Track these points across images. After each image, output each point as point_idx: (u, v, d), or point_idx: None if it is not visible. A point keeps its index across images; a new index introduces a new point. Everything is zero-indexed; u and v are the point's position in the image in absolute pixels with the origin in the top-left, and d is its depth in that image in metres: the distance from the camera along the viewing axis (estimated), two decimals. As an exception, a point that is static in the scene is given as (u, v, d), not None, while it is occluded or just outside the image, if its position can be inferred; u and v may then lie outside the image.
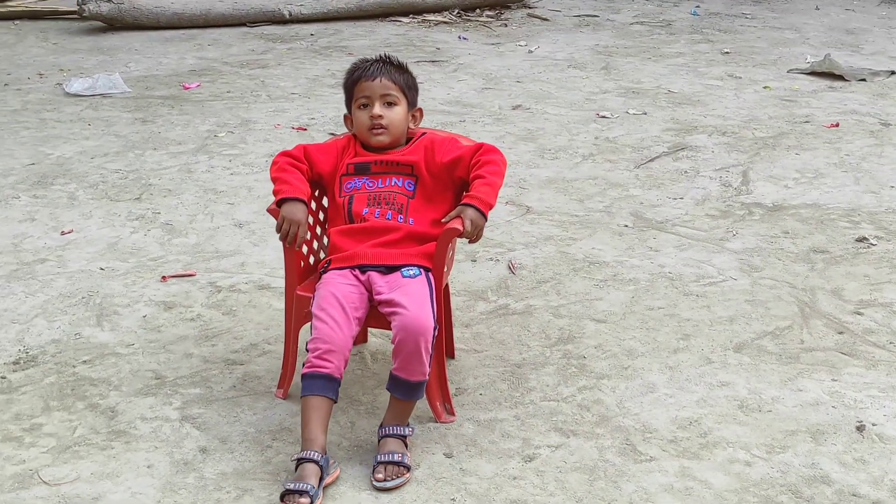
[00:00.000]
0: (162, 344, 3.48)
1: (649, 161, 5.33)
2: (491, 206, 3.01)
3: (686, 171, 5.18)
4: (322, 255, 3.26)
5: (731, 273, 4.04)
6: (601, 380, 3.28)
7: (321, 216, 3.28)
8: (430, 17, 9.10)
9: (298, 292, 3.06)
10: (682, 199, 4.82)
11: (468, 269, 4.04)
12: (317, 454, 2.75)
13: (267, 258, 4.15)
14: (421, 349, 2.82)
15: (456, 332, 3.54)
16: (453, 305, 3.73)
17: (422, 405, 3.05)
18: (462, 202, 3.01)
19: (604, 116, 6.11)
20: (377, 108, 3.14)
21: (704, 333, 3.57)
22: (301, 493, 2.64)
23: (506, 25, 9.06)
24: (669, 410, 3.11)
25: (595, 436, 2.99)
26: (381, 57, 3.26)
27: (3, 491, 2.71)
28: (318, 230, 3.26)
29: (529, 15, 9.44)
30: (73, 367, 3.33)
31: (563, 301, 3.81)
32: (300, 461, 2.75)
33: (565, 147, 5.54)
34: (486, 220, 3.01)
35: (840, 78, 7.06)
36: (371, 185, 3.13)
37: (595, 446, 2.94)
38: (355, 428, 3.02)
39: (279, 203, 3.04)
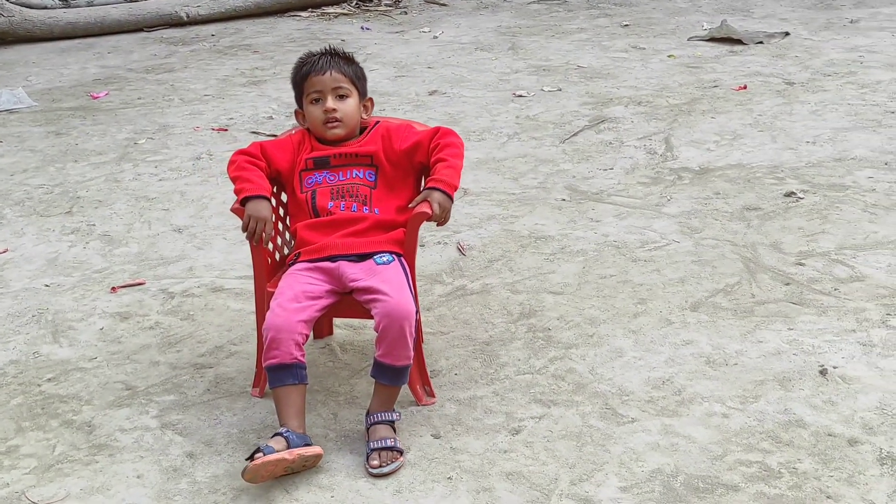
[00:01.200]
0: (125, 354, 3.42)
1: (573, 135, 5.43)
2: (455, 188, 3.05)
3: (611, 143, 5.30)
4: (286, 250, 3.25)
5: (672, 236, 4.16)
6: (570, 349, 3.35)
7: (281, 212, 3.27)
8: (329, 9, 9.08)
9: (269, 289, 3.05)
10: (611, 169, 4.93)
11: (419, 255, 4.02)
12: (283, 429, 2.78)
13: (214, 261, 4.10)
14: (406, 334, 2.84)
15: (420, 316, 3.56)
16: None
17: (402, 389, 3.07)
18: (427, 186, 3.04)
19: (520, 95, 6.19)
20: (330, 102, 3.14)
21: (659, 296, 3.67)
22: (256, 451, 2.69)
23: (406, 13, 9.09)
24: (641, 372, 3.20)
25: (575, 403, 3.06)
26: (327, 49, 3.26)
27: (-8, 517, 2.65)
28: (280, 226, 3.25)
29: (427, 1, 9.49)
30: (39, 385, 3.25)
31: (517, 277, 3.87)
32: (272, 437, 2.79)
33: (489, 128, 5.60)
34: (453, 202, 3.05)
35: (738, 42, 7.29)
36: (332, 178, 3.14)
37: (577, 413, 3.01)
38: (339, 419, 3.03)
39: (243, 202, 3.03)
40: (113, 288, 3.87)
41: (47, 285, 3.93)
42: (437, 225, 3.07)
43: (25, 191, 4.90)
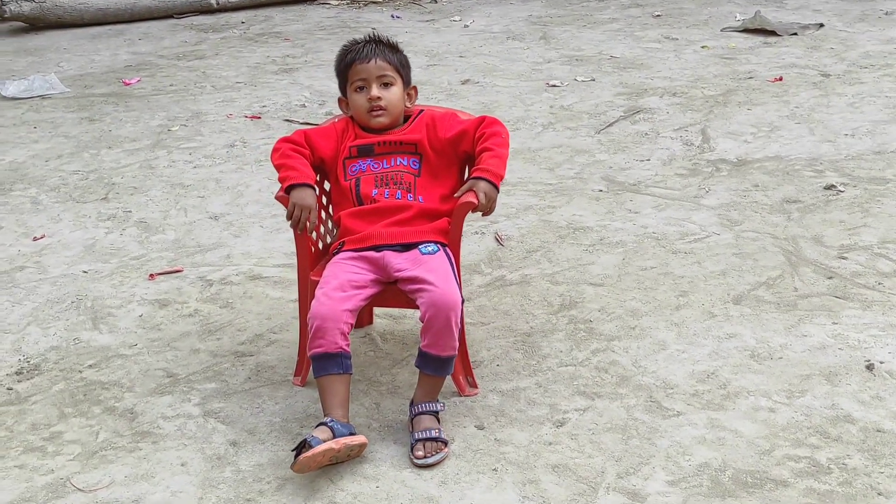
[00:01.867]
0: (166, 342, 3.41)
1: (608, 126, 5.39)
2: (501, 178, 3.02)
3: (647, 133, 5.26)
4: (329, 239, 3.24)
5: (712, 228, 4.12)
6: (612, 341, 3.32)
7: (325, 200, 3.25)
8: (359, -3, 9.04)
9: (312, 277, 3.03)
10: (648, 160, 4.89)
11: (457, 244, 4.04)
12: (328, 419, 2.76)
13: (252, 248, 4.09)
14: (451, 324, 2.82)
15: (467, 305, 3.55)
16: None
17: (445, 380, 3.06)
18: (472, 175, 3.01)
19: (554, 85, 6.15)
20: (375, 90, 3.12)
21: (701, 289, 3.64)
22: (303, 444, 2.66)
23: (436, 1, 9.04)
24: (685, 365, 3.17)
25: (619, 396, 3.03)
26: (371, 37, 3.24)
27: (38, 502, 2.64)
28: (323, 214, 3.23)
29: (456, -10, 9.42)
30: (80, 371, 3.25)
31: (556, 268, 3.84)
32: (317, 426, 2.77)
33: (523, 118, 5.57)
34: (498, 192, 3.02)
35: (772, 33, 7.21)
36: (376, 166, 3.12)
37: (621, 406, 2.98)
38: (381, 409, 3.01)
39: (287, 190, 3.01)
40: (151, 275, 3.87)
41: (85, 272, 3.92)
42: (483, 215, 3.04)
43: (61, 177, 4.91)
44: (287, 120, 5.58)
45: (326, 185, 3.24)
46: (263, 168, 4.84)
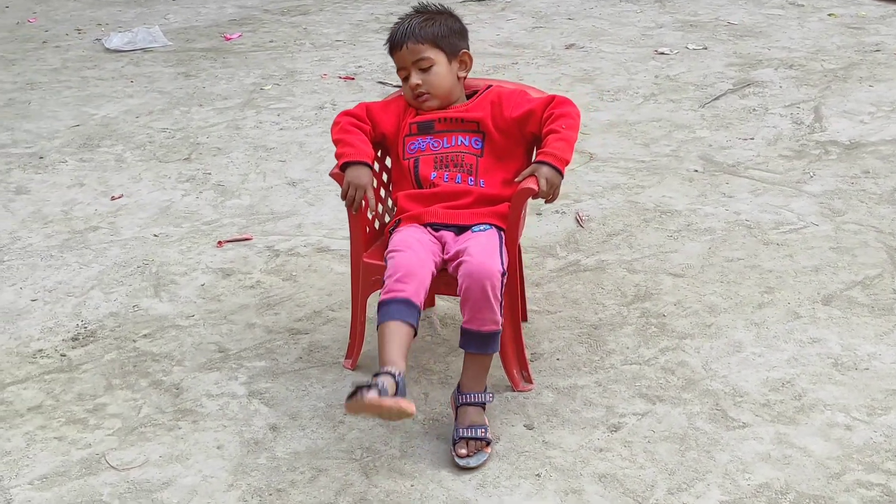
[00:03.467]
0: (223, 314, 3.35)
1: (714, 99, 5.09)
2: (567, 163, 2.83)
3: (754, 109, 4.95)
4: (388, 218, 3.11)
5: (811, 218, 3.83)
6: (683, 339, 3.11)
7: (385, 178, 3.12)
8: (473, -47, 8.80)
9: (366, 259, 2.91)
10: (752, 139, 4.59)
11: (534, 224, 3.86)
12: (392, 368, 2.52)
13: (324, 219, 4.00)
14: (488, 295, 2.62)
15: (527, 293, 3.38)
16: (528, 261, 3.58)
17: (498, 373, 2.91)
18: (536, 159, 2.83)
19: (662, 53, 5.86)
20: (414, 78, 2.94)
21: (789, 285, 3.38)
22: (370, 386, 2.41)
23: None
24: (759, 371, 2.94)
25: (682, 401, 2.83)
26: (406, 15, 3.04)
27: (71, 477, 2.61)
28: (383, 192, 3.10)
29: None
30: (134, 341, 3.22)
31: (636, 255, 3.63)
32: (376, 375, 2.50)
33: (624, 87, 5.31)
34: (563, 178, 2.83)
35: (907, 2, 6.74)
36: (436, 145, 2.96)
37: (683, 413, 2.78)
38: (429, 400, 2.89)
39: (343, 167, 2.88)
40: (219, 242, 3.81)
41: (156, 235, 3.90)
42: (546, 202, 2.86)
43: (148, 134, 4.90)
44: (381, 82, 5.46)
45: (388, 162, 3.11)
46: (349, 132, 4.73)
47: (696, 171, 4.29)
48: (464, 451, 2.62)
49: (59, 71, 5.96)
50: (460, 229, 2.85)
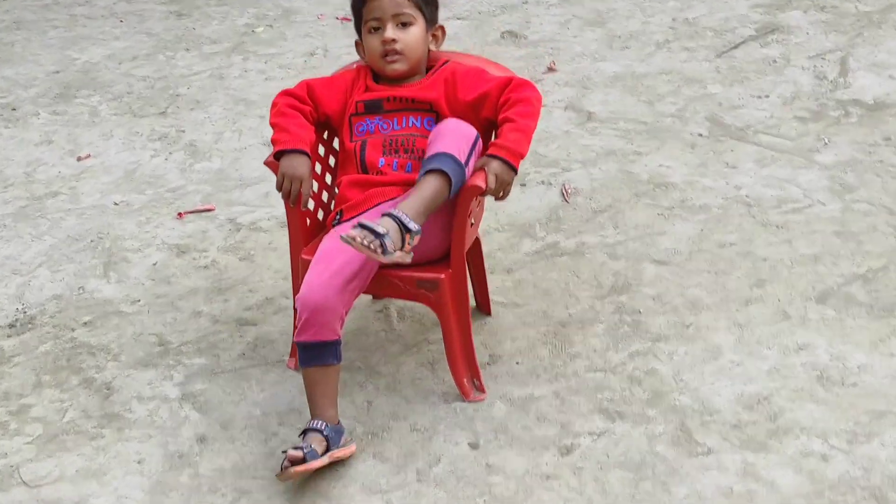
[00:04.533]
0: (170, 300, 3.15)
1: (733, 48, 4.70)
2: (521, 157, 2.55)
3: (775, 61, 4.56)
4: (333, 207, 2.86)
5: (818, 195, 3.51)
6: (657, 342, 2.85)
7: (332, 162, 2.86)
8: None
9: (304, 257, 2.67)
10: (767, 97, 4.23)
11: (516, 197, 3.57)
12: (320, 423, 2.43)
13: (295, 186, 3.76)
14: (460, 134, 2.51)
15: (496, 281, 3.14)
16: (495, 244, 3.33)
17: (448, 381, 2.69)
18: (487, 152, 2.55)
19: (684, -9, 5.45)
20: (389, 31, 2.67)
21: (783, 278, 3.09)
22: (295, 449, 2.34)
23: None
24: (735, 384, 2.68)
25: (645, 419, 2.58)
26: None
27: (-22, 494, 2.47)
28: (329, 179, 2.85)
29: None
30: (73, 329, 3.04)
31: (620, 237, 3.35)
32: (304, 432, 2.44)
33: (638, 33, 4.93)
34: (517, 174, 2.55)
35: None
36: (385, 127, 2.69)
37: (644, 434, 2.54)
38: (372, 409, 2.67)
39: (278, 155, 2.63)
40: (179, 214, 3.60)
41: (116, 203, 3.69)
42: (496, 200, 2.59)
43: (128, 83, 4.66)
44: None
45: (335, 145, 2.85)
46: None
47: (701, 134, 3.95)
48: (354, 232, 2.33)
49: (48, 7, 5.71)
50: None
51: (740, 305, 2.98)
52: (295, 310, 2.54)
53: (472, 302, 3.01)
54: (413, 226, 2.38)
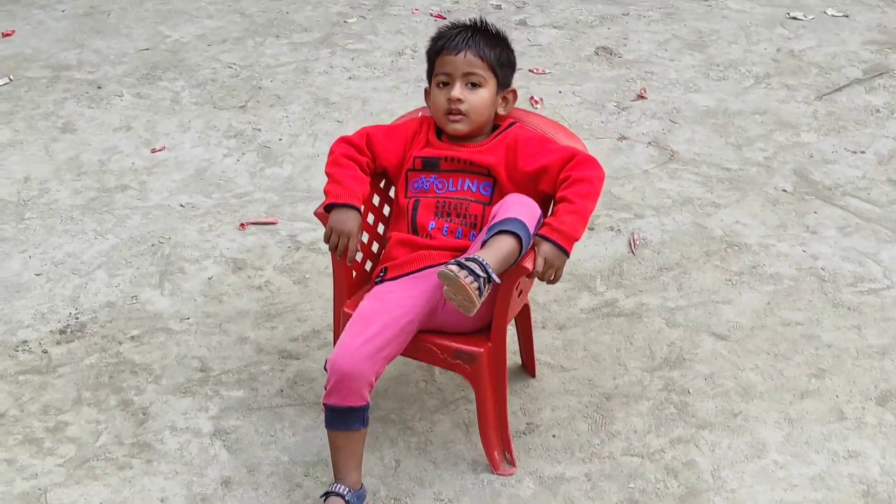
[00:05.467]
0: (219, 321, 3.15)
1: (835, 90, 4.49)
2: (575, 240, 2.45)
3: (878, 110, 4.33)
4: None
5: (899, 277, 3.35)
6: (701, 430, 2.75)
7: (387, 211, 2.81)
8: None
9: (346, 310, 2.64)
10: (863, 152, 4.03)
11: (582, 243, 3.42)
12: (343, 488, 2.42)
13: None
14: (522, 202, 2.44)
15: (546, 337, 3.06)
16: (551, 296, 3.25)
17: (480, 448, 2.64)
18: (539, 232, 2.46)
19: (794, 18, 5.20)
20: (457, 90, 2.59)
21: (845, 370, 2.95)
22: None
23: None
24: (775, 489, 2.57)
25: (675, 518, 2.51)
26: (473, 23, 2.68)
27: (4, 516, 2.51)
28: (381, 228, 2.80)
29: None
30: (120, 343, 3.06)
31: (682, 301, 3.23)
32: (326, 495, 2.43)
33: (738, 62, 4.74)
34: (568, 257, 2.46)
35: None
36: (441, 186, 2.62)
37: (671, 536, 2.46)
38: (399, 469, 2.64)
39: (328, 208, 2.59)
40: (242, 224, 3.59)
41: (182, 206, 3.70)
42: (547, 283, 2.50)
43: (213, 69, 4.66)
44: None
45: (385, 194, 2.79)
46: (420, 90, 4.39)
47: (785, 190, 3.79)
48: (454, 267, 2.28)
49: (150, -26, 5.74)
50: None
51: (795, 397, 2.86)
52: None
53: (518, 360, 2.99)
54: (496, 277, 2.32)
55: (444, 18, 5.12)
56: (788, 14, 5.23)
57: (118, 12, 5.26)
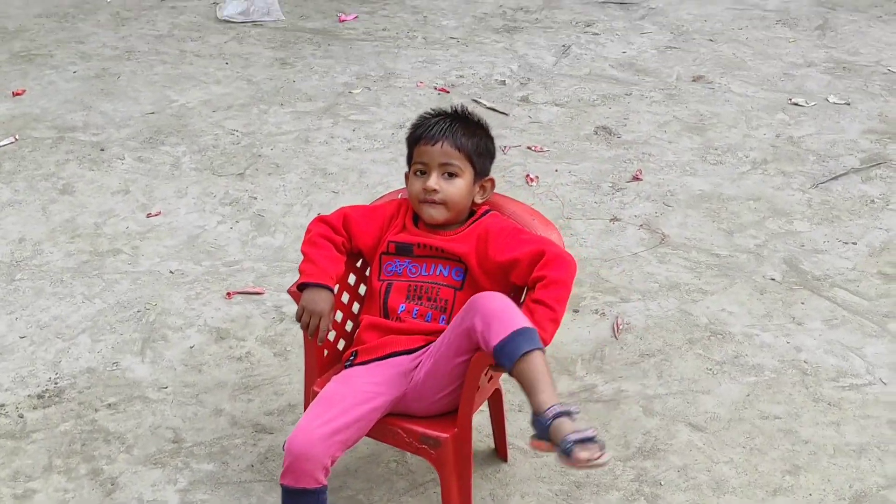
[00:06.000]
0: (196, 391, 3.16)
1: (832, 179, 4.50)
2: (546, 343, 2.45)
3: (873, 201, 4.34)
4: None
5: (882, 373, 3.31)
6: (670, 525, 2.73)
7: (363, 290, 2.82)
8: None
9: (315, 389, 2.64)
10: (854, 243, 4.03)
11: (566, 324, 3.47)
12: None
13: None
14: (505, 307, 2.35)
15: (521, 420, 3.05)
16: (530, 379, 3.23)
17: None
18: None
19: (796, 104, 5.22)
20: (433, 180, 2.62)
21: (820, 468, 2.92)
22: None
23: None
24: (739, 592, 2.55)
25: None
26: (452, 111, 2.73)
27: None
28: (356, 307, 2.81)
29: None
30: (96, 410, 3.07)
31: (661, 389, 3.22)
32: None
33: (736, 146, 4.76)
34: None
35: None
36: (414, 271, 2.65)
37: None
38: (362, 553, 2.63)
39: (301, 287, 2.61)
40: (229, 293, 3.61)
41: (172, 272, 3.73)
42: (515, 377, 2.50)
43: (216, 136, 4.72)
44: (475, 100, 5.09)
45: (356, 274, 2.81)
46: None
47: (774, 279, 3.78)
48: (585, 455, 2.17)
49: (162, 39, 5.84)
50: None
51: (768, 494, 2.83)
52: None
53: (491, 443, 2.98)
54: (574, 408, 2.27)
55: (448, 92, 5.19)
56: (790, 100, 5.26)
57: (128, 75, 5.36)
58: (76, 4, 6.43)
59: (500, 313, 2.31)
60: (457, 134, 2.65)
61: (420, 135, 2.69)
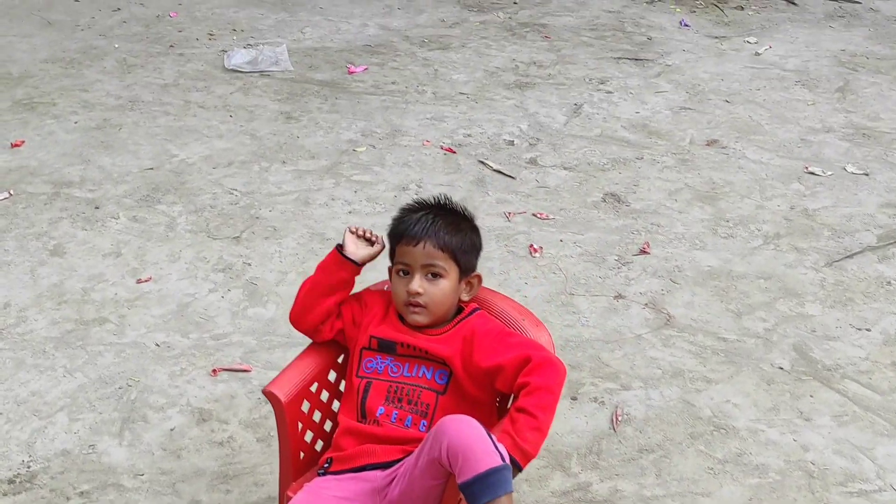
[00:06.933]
0: (172, 481, 3.03)
1: (847, 257, 4.34)
2: (531, 458, 2.30)
3: (889, 283, 4.17)
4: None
5: (893, 478, 3.15)
6: None
7: (342, 387, 2.70)
8: (658, -11, 8.05)
9: (289, 494, 2.51)
10: (868, 330, 3.86)
11: (563, 413, 3.34)
12: None
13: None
14: (476, 438, 2.16)
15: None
16: (522, 475, 3.07)
17: None
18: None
19: (812, 173, 5.07)
20: (416, 283, 2.50)
21: (825, 586, 2.77)
22: None
23: (742, 8, 7.86)
24: None
25: None
26: (437, 203, 2.60)
27: None
28: (336, 405, 2.68)
29: (777, -7, 8.16)
30: (68, 499, 2.94)
31: (659, 490, 3.06)
32: None
33: (749, 218, 4.62)
34: (521, 472, 2.32)
35: None
36: (395, 370, 2.52)
37: None
38: None
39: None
40: (214, 370, 3.49)
41: (158, 345, 3.61)
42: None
43: (214, 194, 4.61)
44: (481, 161, 4.96)
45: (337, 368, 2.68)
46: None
47: (782, 368, 3.63)
48: None
49: (167, 88, 5.75)
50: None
51: None
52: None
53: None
54: None
55: (454, 152, 5.06)
56: (807, 168, 5.11)
57: (130, 126, 5.27)
58: (83, 50, 6.36)
59: (467, 449, 2.13)
60: (440, 232, 2.52)
61: (402, 232, 2.56)
